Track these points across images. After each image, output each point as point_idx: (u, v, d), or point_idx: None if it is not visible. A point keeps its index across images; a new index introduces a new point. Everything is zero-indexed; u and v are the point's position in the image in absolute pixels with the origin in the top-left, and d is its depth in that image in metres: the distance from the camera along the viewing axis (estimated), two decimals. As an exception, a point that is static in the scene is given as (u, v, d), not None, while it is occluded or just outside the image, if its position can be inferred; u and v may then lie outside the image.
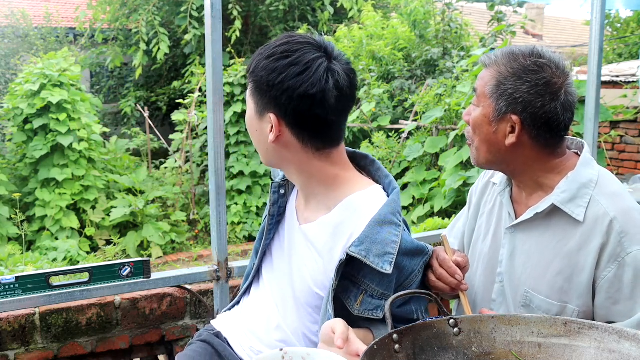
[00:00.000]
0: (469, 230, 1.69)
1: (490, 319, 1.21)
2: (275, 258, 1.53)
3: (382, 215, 1.33)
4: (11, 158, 7.75)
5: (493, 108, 1.41)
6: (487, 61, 1.46)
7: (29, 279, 1.91)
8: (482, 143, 1.45)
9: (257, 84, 1.35)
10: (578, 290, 1.40)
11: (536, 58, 1.39)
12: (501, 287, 1.52)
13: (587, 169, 1.45)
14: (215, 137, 2.10)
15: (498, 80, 1.40)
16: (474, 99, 1.47)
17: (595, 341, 1.14)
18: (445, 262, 1.41)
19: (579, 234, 1.40)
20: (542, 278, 1.44)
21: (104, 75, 12.50)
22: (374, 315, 1.34)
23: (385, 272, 1.29)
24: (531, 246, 1.47)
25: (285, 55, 1.30)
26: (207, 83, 2.11)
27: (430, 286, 1.46)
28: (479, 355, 1.19)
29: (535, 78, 1.37)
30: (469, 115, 1.48)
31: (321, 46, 1.33)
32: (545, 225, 1.45)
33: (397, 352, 1.12)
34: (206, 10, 2.07)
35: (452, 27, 8.60)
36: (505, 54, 1.43)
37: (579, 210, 1.39)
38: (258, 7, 11.09)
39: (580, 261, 1.39)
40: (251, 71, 1.36)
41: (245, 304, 1.59)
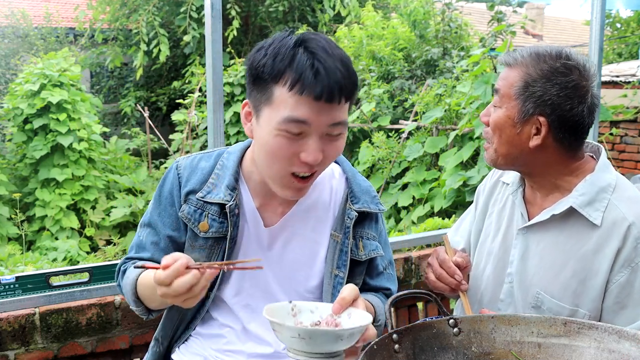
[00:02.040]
0: (476, 229, 1.67)
1: (490, 319, 1.21)
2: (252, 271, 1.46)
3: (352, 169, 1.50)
4: (11, 158, 7.75)
5: (519, 109, 1.39)
6: (511, 61, 1.42)
7: (29, 279, 1.91)
8: (503, 144, 1.43)
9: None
10: (591, 294, 1.40)
11: (565, 60, 1.38)
12: (510, 288, 1.51)
13: (606, 173, 1.44)
14: (215, 137, 2.10)
15: (526, 82, 1.38)
16: (495, 100, 1.44)
17: (595, 341, 1.14)
18: (445, 262, 1.41)
19: (595, 237, 1.39)
20: (555, 280, 1.43)
21: (104, 75, 12.50)
22: (377, 253, 1.45)
23: (382, 211, 1.47)
24: (544, 247, 1.45)
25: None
26: (207, 83, 2.11)
27: (431, 286, 1.46)
28: (478, 355, 1.19)
29: (565, 80, 1.36)
30: (488, 116, 1.46)
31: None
32: (561, 227, 1.44)
33: (396, 352, 1.13)
34: (206, 10, 2.08)
35: (452, 27, 8.60)
36: (533, 54, 1.40)
37: (597, 214, 1.39)
38: (258, 7, 11.09)
39: (595, 265, 1.39)
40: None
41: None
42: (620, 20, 11.76)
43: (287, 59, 1.20)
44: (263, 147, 1.27)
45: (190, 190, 1.41)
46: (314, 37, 1.25)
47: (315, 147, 1.23)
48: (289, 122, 1.21)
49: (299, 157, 1.24)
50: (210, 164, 1.44)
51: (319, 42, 1.23)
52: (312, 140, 1.23)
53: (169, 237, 1.42)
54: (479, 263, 1.60)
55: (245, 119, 1.33)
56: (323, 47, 1.22)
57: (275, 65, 1.21)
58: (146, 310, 1.40)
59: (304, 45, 1.22)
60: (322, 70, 1.19)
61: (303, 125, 1.21)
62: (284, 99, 1.21)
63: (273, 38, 1.26)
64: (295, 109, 1.20)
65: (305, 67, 1.19)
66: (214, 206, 1.39)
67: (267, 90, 1.23)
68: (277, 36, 1.26)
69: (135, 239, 1.48)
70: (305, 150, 1.23)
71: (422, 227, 3.97)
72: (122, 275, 1.44)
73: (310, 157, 1.23)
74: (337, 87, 1.20)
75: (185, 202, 1.40)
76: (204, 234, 1.39)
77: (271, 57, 1.22)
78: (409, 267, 2.68)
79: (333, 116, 1.23)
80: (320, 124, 1.22)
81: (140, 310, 1.40)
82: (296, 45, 1.22)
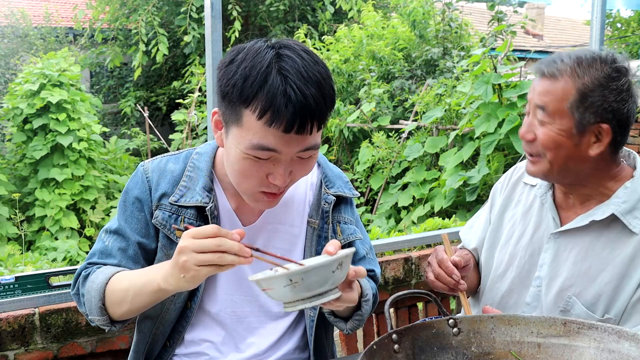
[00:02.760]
0: (493, 229, 1.64)
1: (490, 318, 1.21)
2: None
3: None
4: (11, 158, 7.76)
5: (576, 122, 1.34)
6: (555, 72, 1.36)
7: (29, 279, 1.91)
8: (560, 158, 1.38)
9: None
10: (622, 300, 1.39)
11: (612, 63, 1.34)
12: (538, 291, 1.49)
13: None
14: (214, 137, 2.10)
15: (583, 93, 1.32)
16: (541, 115, 1.37)
17: (594, 341, 1.14)
18: (443, 262, 1.41)
19: (633, 244, 1.39)
20: (590, 286, 1.42)
21: (103, 75, 12.50)
22: (355, 237, 1.45)
23: (355, 196, 1.47)
24: (578, 253, 1.44)
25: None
26: (207, 83, 2.11)
27: (430, 285, 1.46)
28: (478, 355, 1.19)
29: (620, 84, 1.33)
30: (532, 132, 1.40)
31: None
32: (598, 233, 1.42)
33: (396, 352, 1.12)
34: (206, 10, 2.08)
35: (452, 27, 8.60)
36: (577, 63, 1.34)
37: (636, 222, 1.38)
38: (258, 7, 11.09)
39: (630, 271, 1.38)
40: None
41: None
42: (620, 20, 11.77)
43: (258, 83, 1.12)
44: (231, 164, 1.23)
45: (162, 194, 1.35)
46: (291, 54, 1.15)
47: (283, 172, 1.18)
48: (257, 149, 1.15)
49: (267, 178, 1.20)
50: (180, 167, 1.38)
51: (295, 62, 1.14)
52: (281, 166, 1.18)
53: (139, 244, 1.35)
54: (499, 265, 1.58)
55: (216, 127, 1.27)
56: (298, 68, 1.13)
57: (245, 88, 1.12)
58: (109, 321, 1.30)
59: (279, 65, 1.13)
60: (294, 99, 1.11)
61: (272, 152, 1.16)
62: (253, 125, 1.14)
63: (247, 51, 1.16)
64: (263, 138, 1.14)
65: (276, 95, 1.10)
66: (190, 210, 1.33)
67: (236, 111, 1.16)
68: (251, 49, 1.16)
69: (99, 245, 1.38)
70: (273, 173, 1.19)
71: (422, 227, 3.97)
72: (84, 281, 1.33)
73: (278, 180, 1.19)
74: (308, 117, 1.13)
75: (158, 207, 1.34)
76: (179, 239, 1.36)
77: (242, 78, 1.13)
78: (409, 267, 2.68)
79: (304, 144, 1.17)
80: (290, 151, 1.17)
81: (102, 320, 1.29)
82: (270, 65, 1.13)
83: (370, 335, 2.06)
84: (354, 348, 2.09)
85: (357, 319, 1.36)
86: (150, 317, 1.42)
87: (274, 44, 1.17)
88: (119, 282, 1.26)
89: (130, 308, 1.26)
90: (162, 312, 1.39)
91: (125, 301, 1.25)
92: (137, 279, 1.24)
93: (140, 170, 1.39)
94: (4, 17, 11.50)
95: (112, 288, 1.27)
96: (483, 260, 1.65)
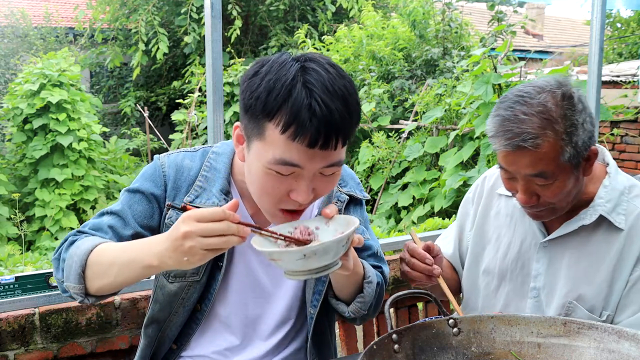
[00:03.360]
0: (474, 242, 1.64)
1: (490, 318, 1.21)
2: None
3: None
4: (11, 158, 7.76)
5: (573, 164, 1.33)
6: (527, 138, 1.29)
7: (29, 279, 1.91)
8: (568, 198, 1.38)
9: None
10: (615, 294, 1.41)
11: (566, 97, 1.32)
12: (536, 302, 1.50)
13: (619, 174, 1.46)
14: (215, 137, 2.11)
15: (569, 138, 1.30)
16: (540, 181, 1.34)
17: (594, 341, 1.14)
18: (415, 249, 1.41)
19: (621, 240, 1.41)
20: (588, 287, 1.43)
21: (103, 75, 12.50)
22: (364, 237, 1.40)
23: (365, 198, 1.48)
24: (571, 257, 1.45)
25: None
26: (207, 83, 2.11)
27: (407, 278, 1.46)
28: (478, 355, 1.19)
29: (581, 109, 1.33)
30: (534, 196, 1.36)
31: None
32: (588, 236, 1.44)
33: (396, 352, 1.12)
34: (206, 10, 2.08)
35: (452, 27, 8.60)
36: (541, 112, 1.29)
37: (620, 217, 1.41)
38: (258, 6, 11.09)
39: (621, 265, 1.40)
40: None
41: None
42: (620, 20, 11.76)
43: (282, 97, 1.08)
44: (252, 179, 1.19)
45: (177, 192, 1.32)
46: (316, 67, 1.12)
47: (305, 188, 1.14)
48: (280, 164, 1.11)
49: (289, 195, 1.16)
50: (196, 165, 1.35)
51: (321, 76, 1.10)
52: (303, 182, 1.14)
53: (136, 234, 1.30)
54: (490, 282, 1.58)
55: (237, 141, 1.24)
56: (323, 82, 1.10)
57: (269, 102, 1.09)
58: (84, 291, 1.22)
59: (304, 78, 1.10)
60: (318, 113, 1.07)
61: (294, 168, 1.12)
62: (276, 139, 1.10)
63: (271, 63, 1.13)
64: (286, 152, 1.10)
65: (300, 108, 1.07)
66: None
67: (259, 124, 1.12)
68: (276, 61, 1.13)
69: (94, 220, 1.32)
70: (296, 190, 1.15)
71: (422, 227, 3.96)
72: (69, 246, 1.26)
73: (300, 197, 1.15)
74: (333, 132, 1.09)
75: (171, 207, 1.30)
76: None
77: (265, 91, 1.09)
78: (408, 267, 2.67)
79: (328, 160, 1.13)
80: (313, 167, 1.13)
81: (78, 289, 1.21)
82: (295, 78, 1.09)
83: (370, 335, 2.05)
84: (354, 348, 2.09)
85: (359, 302, 1.34)
86: (157, 320, 1.41)
87: (299, 57, 1.14)
88: (104, 253, 1.20)
89: (112, 282, 1.19)
90: (170, 315, 1.38)
91: (108, 274, 1.18)
92: (123, 253, 1.17)
93: (157, 163, 1.36)
94: (4, 17, 11.50)
95: (95, 258, 1.20)
96: (468, 274, 1.65)
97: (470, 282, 1.63)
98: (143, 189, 1.33)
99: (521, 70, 5.89)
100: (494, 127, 1.34)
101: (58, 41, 11.67)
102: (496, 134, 1.33)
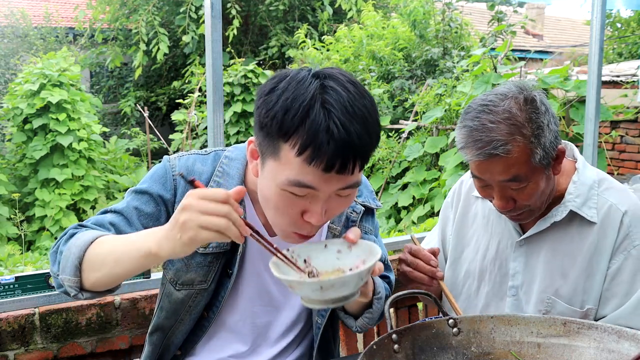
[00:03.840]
0: (453, 245, 1.65)
1: (490, 318, 1.21)
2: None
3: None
4: (11, 158, 7.76)
5: (544, 165, 1.34)
6: (497, 145, 1.30)
7: (29, 279, 1.91)
8: (543, 198, 1.40)
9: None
10: (595, 288, 1.42)
11: (528, 102, 1.33)
12: (515, 301, 1.51)
13: (587, 169, 1.48)
14: (215, 137, 2.10)
15: (537, 141, 1.31)
16: (515, 185, 1.34)
17: (594, 341, 1.14)
18: (420, 251, 1.43)
19: (594, 233, 1.42)
20: (564, 282, 1.44)
21: (103, 75, 12.51)
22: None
23: (378, 207, 1.48)
24: (547, 254, 1.46)
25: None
26: (207, 83, 2.11)
27: (407, 278, 1.47)
28: (478, 355, 1.19)
29: (544, 110, 1.34)
30: (510, 201, 1.37)
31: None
32: (562, 232, 1.45)
33: (396, 352, 1.12)
34: (206, 10, 2.08)
35: (452, 27, 8.60)
36: (506, 118, 1.30)
37: (592, 211, 1.42)
38: (258, 6, 11.10)
39: (597, 259, 1.42)
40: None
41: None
42: (620, 20, 11.76)
43: (299, 117, 1.03)
44: (265, 198, 1.16)
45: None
46: (336, 86, 1.07)
47: (320, 210, 1.11)
48: (294, 186, 1.08)
49: (302, 216, 1.13)
50: (208, 169, 1.32)
51: (340, 95, 1.06)
52: (318, 204, 1.11)
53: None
54: (472, 284, 1.59)
55: (252, 156, 1.19)
56: (343, 102, 1.05)
57: (286, 122, 1.04)
58: (79, 285, 1.17)
59: (322, 98, 1.05)
60: (337, 136, 1.03)
61: (309, 190, 1.08)
62: (291, 160, 1.06)
63: (289, 80, 1.08)
64: (301, 175, 1.06)
65: (318, 131, 1.02)
66: None
67: (274, 143, 1.08)
68: (294, 78, 1.08)
69: (98, 218, 1.28)
70: (309, 211, 1.11)
71: (422, 227, 3.97)
72: (68, 239, 1.21)
73: (313, 218, 1.11)
74: (351, 155, 1.05)
75: (182, 176, 1.28)
76: (203, 249, 1.29)
77: (282, 110, 1.05)
78: (408, 267, 2.67)
79: (344, 182, 1.10)
80: (329, 189, 1.09)
81: (72, 282, 1.16)
82: (313, 98, 1.05)
83: (370, 335, 2.05)
84: (354, 348, 2.09)
85: (368, 317, 1.34)
86: (162, 328, 1.39)
87: (318, 74, 1.10)
88: (103, 245, 1.16)
89: (109, 273, 1.13)
90: (175, 322, 1.37)
91: (105, 264, 1.13)
92: (122, 243, 1.14)
93: (167, 165, 1.31)
94: (4, 17, 11.50)
95: (94, 249, 1.15)
96: (449, 276, 1.65)
97: (451, 284, 1.64)
98: (152, 191, 1.29)
99: (521, 70, 5.89)
100: (462, 138, 1.35)
101: (58, 41, 11.68)
102: (466, 144, 1.34)
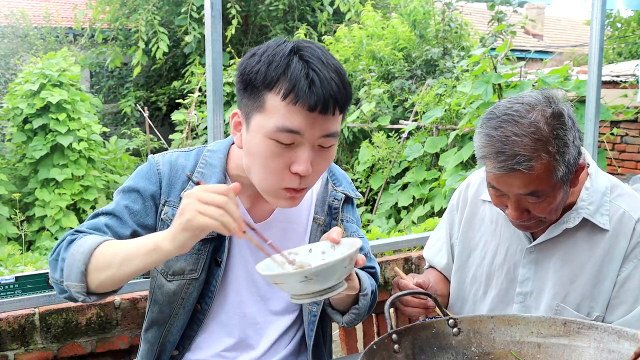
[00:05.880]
0: (460, 249, 1.63)
1: (490, 318, 1.21)
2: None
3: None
4: (11, 158, 7.76)
5: (566, 180, 1.32)
6: (522, 160, 1.25)
7: (29, 279, 1.91)
8: (559, 208, 1.38)
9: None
10: (604, 294, 1.41)
11: (556, 116, 1.29)
12: (522, 307, 1.49)
13: (599, 175, 1.46)
14: (215, 137, 2.11)
15: (556, 161, 1.27)
16: (533, 200, 1.32)
17: (594, 341, 1.14)
18: (407, 286, 1.45)
19: (606, 240, 1.41)
20: (574, 289, 1.43)
21: (103, 75, 12.50)
22: (358, 235, 1.48)
23: (357, 197, 1.52)
24: (557, 261, 1.45)
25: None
26: (207, 83, 2.11)
27: (410, 314, 1.49)
28: (478, 355, 1.19)
29: (570, 125, 1.30)
30: (525, 213, 1.35)
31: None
32: (573, 238, 1.44)
33: (396, 352, 1.13)
34: (206, 10, 2.08)
35: (452, 27, 8.59)
36: (533, 133, 1.26)
37: (604, 218, 1.41)
38: (257, 6, 11.10)
39: (607, 266, 1.41)
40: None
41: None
42: (620, 20, 11.77)
43: (281, 67, 1.16)
44: (253, 156, 1.23)
45: (172, 189, 1.34)
46: (309, 45, 1.22)
47: (306, 158, 1.19)
48: (281, 132, 1.16)
49: (290, 169, 1.20)
50: (191, 163, 1.38)
51: (314, 52, 1.20)
52: (303, 151, 1.19)
53: (134, 232, 1.32)
54: (478, 289, 1.58)
55: (235, 128, 1.28)
56: (318, 56, 1.19)
57: (269, 72, 1.17)
58: (85, 290, 1.21)
59: (299, 53, 1.19)
60: (316, 80, 1.15)
61: (295, 136, 1.17)
62: (277, 107, 1.16)
63: (267, 45, 1.23)
64: (288, 118, 1.16)
65: (300, 76, 1.15)
66: None
67: (259, 97, 1.19)
68: (271, 43, 1.22)
69: (92, 222, 1.32)
70: (296, 161, 1.19)
71: (422, 227, 3.97)
72: (68, 245, 1.25)
73: (301, 167, 1.19)
74: (331, 98, 1.16)
75: (167, 203, 1.34)
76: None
77: (265, 64, 1.18)
78: (409, 267, 2.68)
79: (326, 127, 1.19)
80: (313, 135, 1.18)
81: (79, 288, 1.20)
82: (291, 53, 1.18)
83: (370, 335, 2.06)
84: (354, 348, 2.09)
85: (354, 313, 1.37)
86: (157, 323, 1.40)
87: (293, 41, 1.23)
88: (109, 248, 1.21)
89: (115, 273, 1.18)
90: (170, 317, 1.38)
91: (112, 265, 1.18)
92: (127, 244, 1.19)
93: (151, 162, 1.38)
94: (4, 17, 11.50)
95: (99, 253, 1.20)
96: (455, 281, 1.64)
97: (457, 289, 1.63)
98: (138, 187, 1.34)
99: (521, 70, 5.88)
100: (483, 147, 1.30)
101: (58, 41, 11.67)
102: (487, 155, 1.30)
